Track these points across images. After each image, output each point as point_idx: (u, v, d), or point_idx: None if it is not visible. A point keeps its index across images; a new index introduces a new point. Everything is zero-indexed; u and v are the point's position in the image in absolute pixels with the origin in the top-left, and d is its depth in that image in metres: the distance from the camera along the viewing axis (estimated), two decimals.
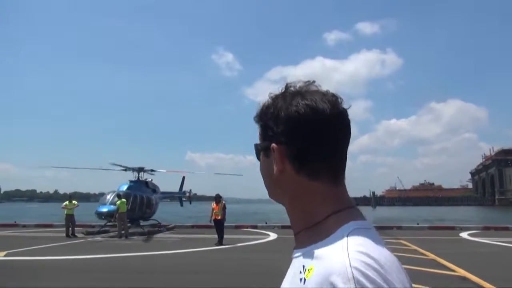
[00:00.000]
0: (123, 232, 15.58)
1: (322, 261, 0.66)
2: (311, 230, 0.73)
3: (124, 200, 15.85)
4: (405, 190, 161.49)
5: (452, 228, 19.44)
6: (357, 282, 0.59)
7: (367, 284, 0.59)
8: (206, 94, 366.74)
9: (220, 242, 12.86)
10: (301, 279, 0.68)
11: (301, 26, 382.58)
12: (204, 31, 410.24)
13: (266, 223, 21.84)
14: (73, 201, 16.79)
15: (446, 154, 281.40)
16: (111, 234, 16.96)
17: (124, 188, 18.15)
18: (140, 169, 19.88)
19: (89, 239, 15.38)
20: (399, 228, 19.54)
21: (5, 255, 10.76)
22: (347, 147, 0.78)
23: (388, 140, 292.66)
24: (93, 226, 19.92)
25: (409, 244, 12.70)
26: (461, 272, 8.03)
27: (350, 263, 0.62)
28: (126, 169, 19.85)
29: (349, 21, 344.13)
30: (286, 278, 0.76)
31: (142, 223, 18.62)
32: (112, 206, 16.40)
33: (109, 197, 17.26)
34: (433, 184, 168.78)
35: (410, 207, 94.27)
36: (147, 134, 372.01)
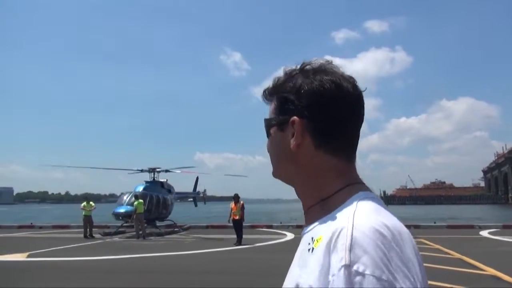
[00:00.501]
0: (140, 232, 15.60)
1: (329, 227, 0.65)
2: (321, 205, 0.73)
3: (141, 200, 15.88)
4: (416, 189, 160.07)
5: (471, 226, 19.12)
6: (355, 240, 0.59)
7: (364, 243, 0.58)
8: (215, 94, 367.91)
9: (239, 242, 12.80)
10: (309, 249, 0.68)
11: (309, 25, 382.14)
12: (212, 31, 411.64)
13: (281, 222, 21.76)
14: (91, 202, 16.88)
15: (457, 152, 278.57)
16: (128, 234, 17.02)
17: (141, 188, 18.18)
18: (155, 170, 19.90)
19: (107, 240, 15.44)
20: (417, 227, 19.24)
21: (27, 256, 10.84)
22: (361, 128, 0.80)
23: (398, 138, 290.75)
24: (108, 227, 20.04)
25: (430, 243, 12.50)
26: (491, 271, 7.86)
27: (353, 223, 0.62)
28: (142, 170, 19.90)
29: (358, 19, 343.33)
30: (295, 256, 0.74)
31: (157, 223, 18.66)
32: (129, 207, 16.43)
33: (126, 198, 17.29)
34: (444, 182, 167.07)
35: (422, 205, 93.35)
36: (156, 134, 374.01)
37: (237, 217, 13.14)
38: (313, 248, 0.67)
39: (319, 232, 0.68)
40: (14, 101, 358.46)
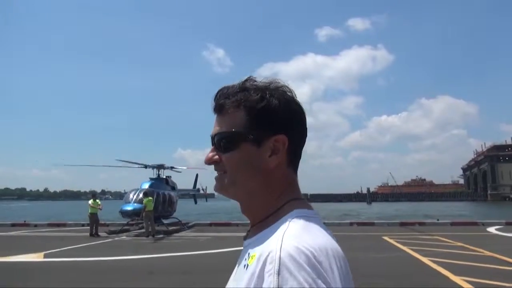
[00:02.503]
0: (150, 230, 15.17)
1: (262, 246, 0.68)
2: (264, 221, 0.76)
3: (150, 198, 15.42)
4: (397, 186, 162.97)
5: (475, 223, 19.37)
6: (282, 264, 0.62)
7: (291, 265, 0.61)
8: (198, 91, 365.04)
9: None
10: (245, 265, 0.71)
11: (292, 22, 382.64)
12: (194, 27, 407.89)
13: None
14: (97, 200, 16.32)
15: (436, 150, 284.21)
16: (134, 233, 16.58)
17: (147, 185, 17.67)
18: (160, 166, 19.40)
19: (116, 238, 14.94)
20: (421, 224, 19.41)
21: (44, 256, 10.34)
22: None
23: (380, 136, 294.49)
24: (107, 225, 19.47)
25: (450, 240, 12.54)
26: None
27: (281, 245, 0.64)
28: (146, 166, 19.38)
29: (341, 17, 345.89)
30: (236, 267, 0.77)
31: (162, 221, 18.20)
32: (137, 204, 15.96)
33: (132, 195, 16.79)
34: (425, 180, 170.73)
35: (404, 202, 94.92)
36: (142, 130, 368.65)
37: None
38: (247, 265, 0.69)
39: (254, 248, 0.71)
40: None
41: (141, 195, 16.20)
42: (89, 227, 15.90)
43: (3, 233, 17.47)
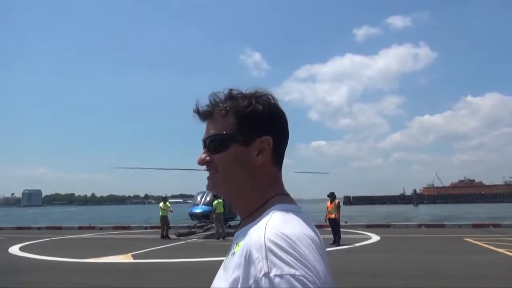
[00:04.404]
0: (220, 232, 15.24)
1: (248, 235, 0.75)
2: (253, 214, 0.83)
3: (221, 200, 15.49)
4: (444, 187, 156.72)
5: None
6: (268, 249, 0.68)
7: (275, 249, 0.68)
8: None
9: (337, 242, 12.25)
10: (232, 253, 0.77)
11: (329, 22, 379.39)
12: (231, 32, 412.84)
13: (346, 222, 21.11)
14: (167, 203, 16.63)
15: (484, 149, 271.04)
16: (203, 235, 16.71)
17: None
18: None
19: (188, 240, 15.12)
20: (496, 226, 18.37)
21: (133, 258, 10.56)
22: None
23: (422, 136, 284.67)
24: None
25: None
26: None
27: (264, 234, 0.71)
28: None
29: (380, 15, 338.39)
30: (225, 259, 0.82)
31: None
32: (206, 206, 16.10)
33: (200, 198, 16.96)
34: (473, 180, 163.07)
35: (453, 204, 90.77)
36: (181, 135, 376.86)
37: (333, 216, 12.58)
38: (234, 252, 0.76)
39: (241, 238, 0.77)
40: (36, 107, 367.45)
41: (209, 198, 16.32)
42: (159, 229, 16.21)
43: (76, 236, 18.19)
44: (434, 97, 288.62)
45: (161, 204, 16.54)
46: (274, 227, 0.73)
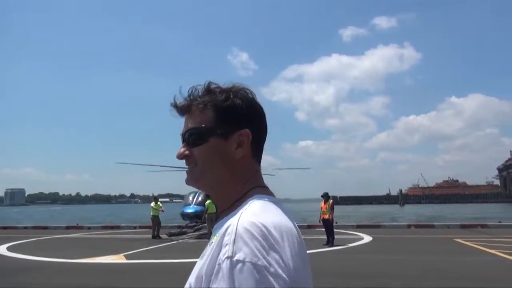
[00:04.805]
0: None
1: (224, 225, 0.75)
2: (232, 206, 0.84)
3: None
4: (428, 187, 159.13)
5: None
6: (238, 234, 0.69)
7: (245, 236, 0.69)
8: None
9: (331, 243, 12.25)
10: (210, 244, 0.78)
11: (316, 23, 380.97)
12: (218, 32, 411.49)
13: (336, 222, 21.16)
14: (159, 203, 16.46)
15: (468, 150, 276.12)
16: (195, 235, 16.56)
17: None
18: None
19: (180, 240, 14.94)
20: (484, 226, 18.64)
21: (126, 258, 10.39)
22: None
23: (408, 136, 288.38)
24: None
25: None
26: None
27: (238, 221, 0.72)
28: None
29: (366, 16, 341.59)
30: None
31: None
32: (198, 206, 16.00)
33: (192, 198, 16.84)
34: (457, 181, 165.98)
35: (438, 204, 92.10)
36: (171, 134, 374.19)
37: (326, 217, 12.58)
38: (212, 242, 0.77)
39: (219, 228, 0.77)
40: (23, 106, 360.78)
41: (200, 198, 16.20)
42: (149, 229, 16.04)
43: (64, 235, 17.86)
44: (419, 97, 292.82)
45: (152, 204, 16.36)
46: (250, 214, 0.74)
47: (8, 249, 12.68)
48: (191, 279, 0.78)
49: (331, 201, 12.83)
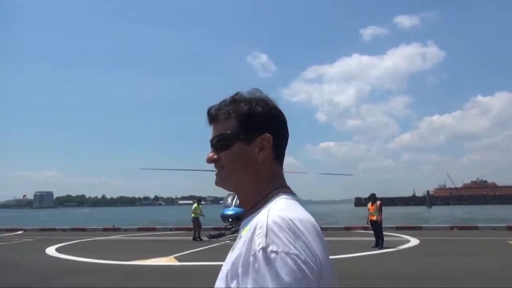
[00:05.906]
0: None
1: (254, 220, 0.82)
2: (257, 205, 0.91)
3: None
4: (456, 188, 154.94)
5: None
6: (269, 228, 0.76)
7: (275, 229, 0.76)
8: None
9: (380, 245, 11.97)
10: (239, 237, 0.85)
11: (335, 23, 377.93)
12: (238, 33, 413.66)
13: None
14: (199, 206, 16.52)
15: (495, 149, 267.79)
16: (233, 236, 16.50)
17: None
18: None
19: (222, 242, 14.95)
20: None
21: (178, 260, 10.41)
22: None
23: (432, 136, 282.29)
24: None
25: None
26: None
27: (268, 216, 0.79)
28: None
29: (387, 15, 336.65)
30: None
31: None
32: (237, 208, 15.94)
33: (231, 200, 16.82)
34: (486, 181, 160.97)
35: (467, 206, 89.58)
36: (193, 137, 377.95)
37: (374, 218, 12.31)
38: (241, 236, 0.84)
39: (247, 224, 0.85)
40: (50, 112, 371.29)
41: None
42: (185, 231, 16.13)
43: (103, 237, 18.13)
44: (443, 96, 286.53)
45: (193, 207, 16.41)
46: (277, 210, 0.81)
47: (57, 250, 12.92)
48: (224, 270, 0.84)
49: (379, 202, 12.54)
